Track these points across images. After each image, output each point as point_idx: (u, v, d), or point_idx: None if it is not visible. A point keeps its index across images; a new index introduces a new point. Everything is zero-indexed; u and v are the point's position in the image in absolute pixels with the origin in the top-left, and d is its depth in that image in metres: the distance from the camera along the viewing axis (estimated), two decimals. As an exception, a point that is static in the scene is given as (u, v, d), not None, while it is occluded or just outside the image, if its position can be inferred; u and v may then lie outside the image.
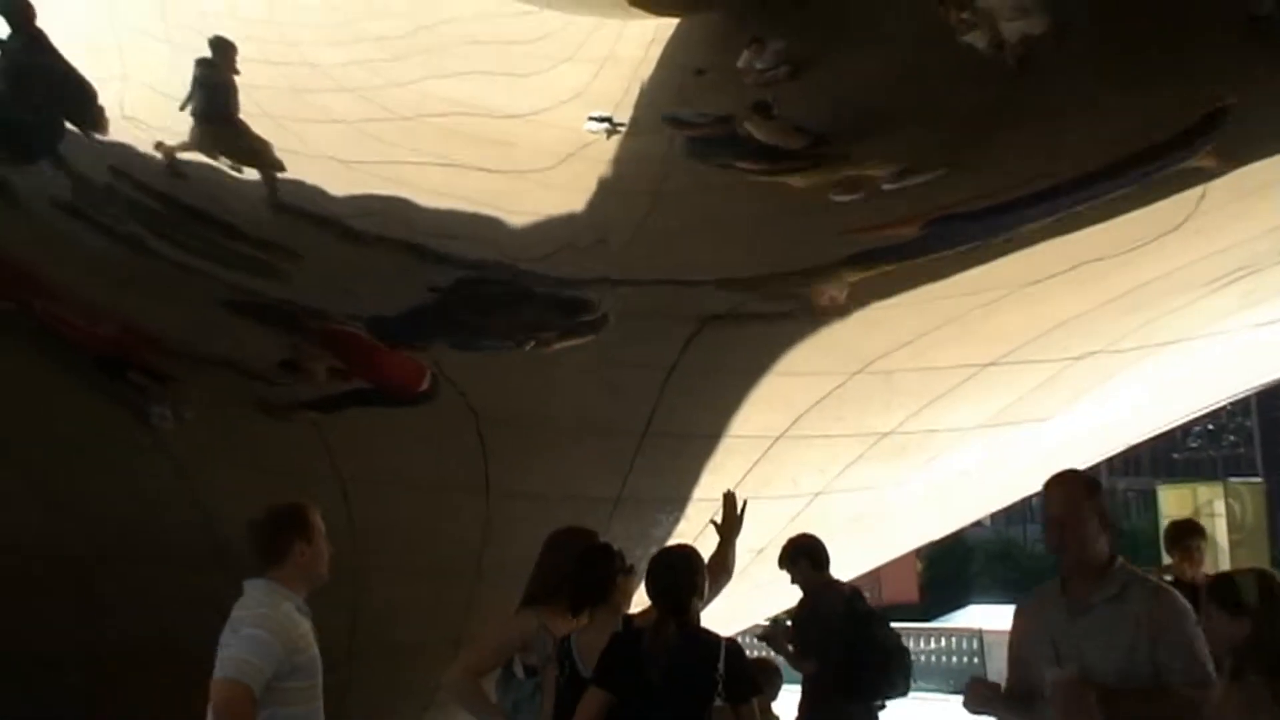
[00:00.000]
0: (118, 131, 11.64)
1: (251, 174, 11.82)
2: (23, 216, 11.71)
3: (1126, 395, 14.84)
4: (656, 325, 12.66)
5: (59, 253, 11.94)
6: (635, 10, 13.97)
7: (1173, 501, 40.40)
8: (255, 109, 12.52)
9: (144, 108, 11.74)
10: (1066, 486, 6.19)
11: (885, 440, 13.99)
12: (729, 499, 9.69)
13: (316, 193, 11.94)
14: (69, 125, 11.43)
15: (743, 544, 9.47)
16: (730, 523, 9.45)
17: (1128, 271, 12.14)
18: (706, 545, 8.83)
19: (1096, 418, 15.24)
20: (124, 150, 11.67)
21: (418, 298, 12.25)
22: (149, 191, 11.83)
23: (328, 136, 12.46)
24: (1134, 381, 14.39)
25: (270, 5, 13.18)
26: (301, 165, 11.95)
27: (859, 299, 12.26)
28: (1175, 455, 65.39)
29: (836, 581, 12.31)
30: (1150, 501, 49.93)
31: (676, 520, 13.62)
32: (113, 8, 12.09)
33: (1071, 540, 6.14)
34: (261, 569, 6.81)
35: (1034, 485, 18.27)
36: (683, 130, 12.27)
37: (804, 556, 12.03)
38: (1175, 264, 12.16)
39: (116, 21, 12.07)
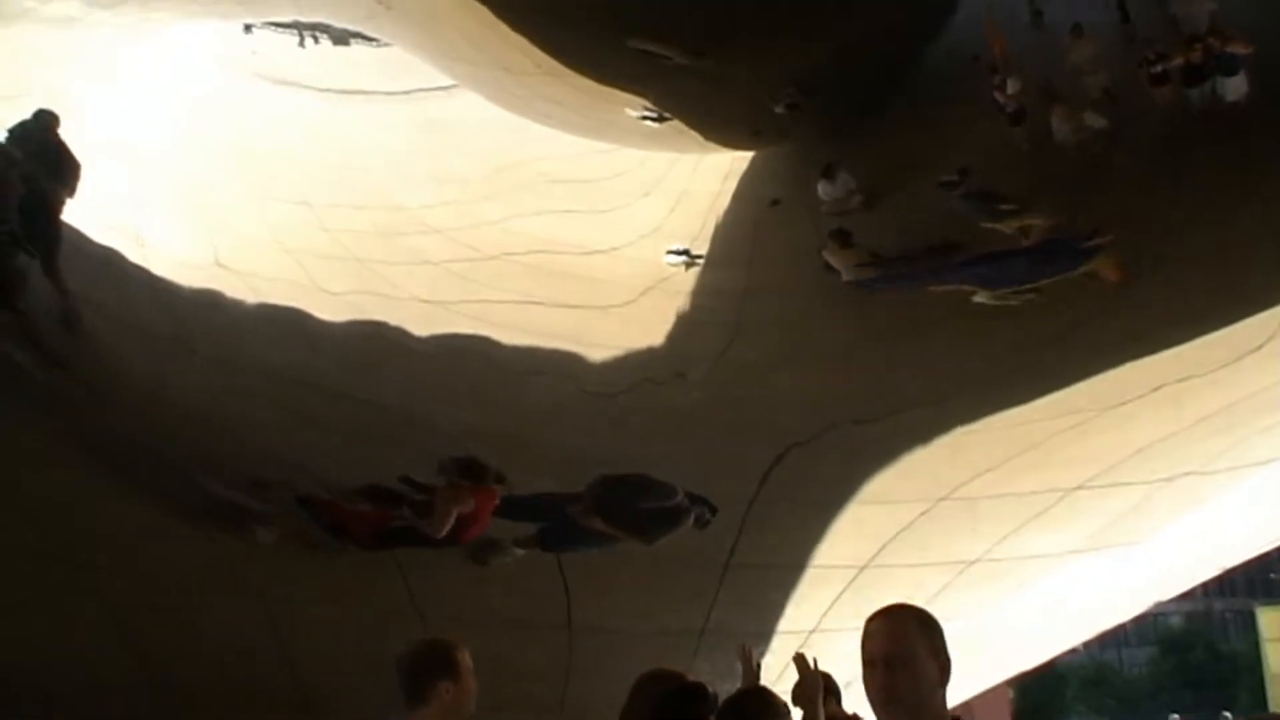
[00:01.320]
0: (211, 279, 12.06)
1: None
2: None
3: (1221, 517, 14.46)
4: (735, 455, 12.62)
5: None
6: (711, 145, 14.35)
7: (1272, 623, 38.94)
8: (342, 252, 12.94)
9: (236, 257, 12.18)
10: (896, 621, 4.46)
11: (973, 568, 13.71)
12: (799, 661, 9.43)
13: (399, 333, 12.22)
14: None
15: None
16: (805, 687, 9.16)
17: (1214, 392, 11.94)
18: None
19: (1192, 540, 14.84)
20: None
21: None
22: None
23: (415, 278, 12.79)
24: (1228, 503, 14.03)
25: (354, 151, 13.70)
26: (389, 308, 12.26)
27: (944, 426, 12.15)
28: (1273, 575, 63.30)
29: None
30: (1249, 623, 48.02)
31: (763, 654, 13.39)
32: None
33: (905, 685, 4.34)
34: (406, 708, 6.67)
35: (1131, 610, 17.77)
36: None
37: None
38: (1262, 384, 11.94)
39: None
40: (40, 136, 10.83)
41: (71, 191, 11.06)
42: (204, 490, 10.95)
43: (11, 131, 10.88)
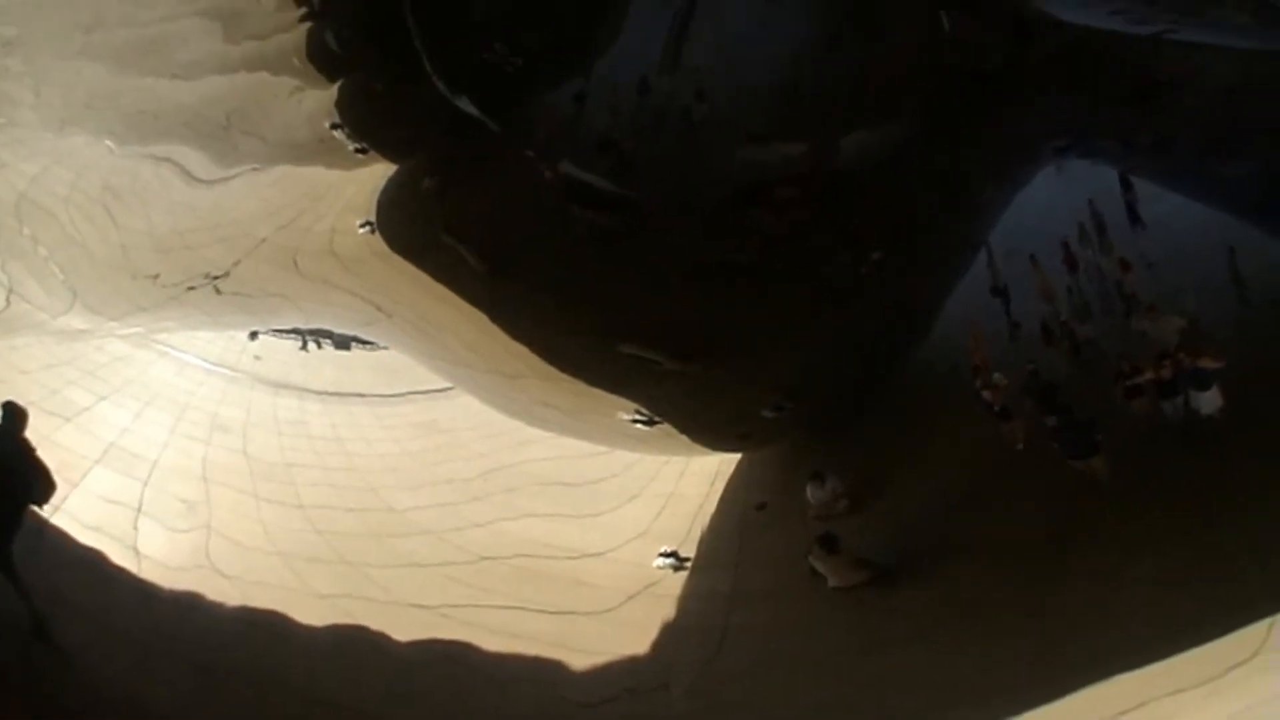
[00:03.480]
0: (198, 581, 12.11)
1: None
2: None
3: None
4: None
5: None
6: (698, 448, 14.58)
7: None
8: (332, 555, 13.02)
9: (226, 560, 12.27)
10: None
11: None
12: None
13: (382, 638, 12.14)
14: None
15: None
16: None
17: (1207, 706, 11.65)
18: None
19: None
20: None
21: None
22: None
23: (404, 581, 12.81)
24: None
25: (350, 454, 13.98)
26: (375, 612, 12.23)
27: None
28: None
29: None
30: None
31: None
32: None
33: None
34: None
35: None
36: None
37: None
38: (1256, 697, 11.67)
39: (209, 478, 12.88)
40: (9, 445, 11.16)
41: (41, 499, 11.29)
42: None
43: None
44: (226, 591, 12.33)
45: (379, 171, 13.52)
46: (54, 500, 11.76)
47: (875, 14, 11.77)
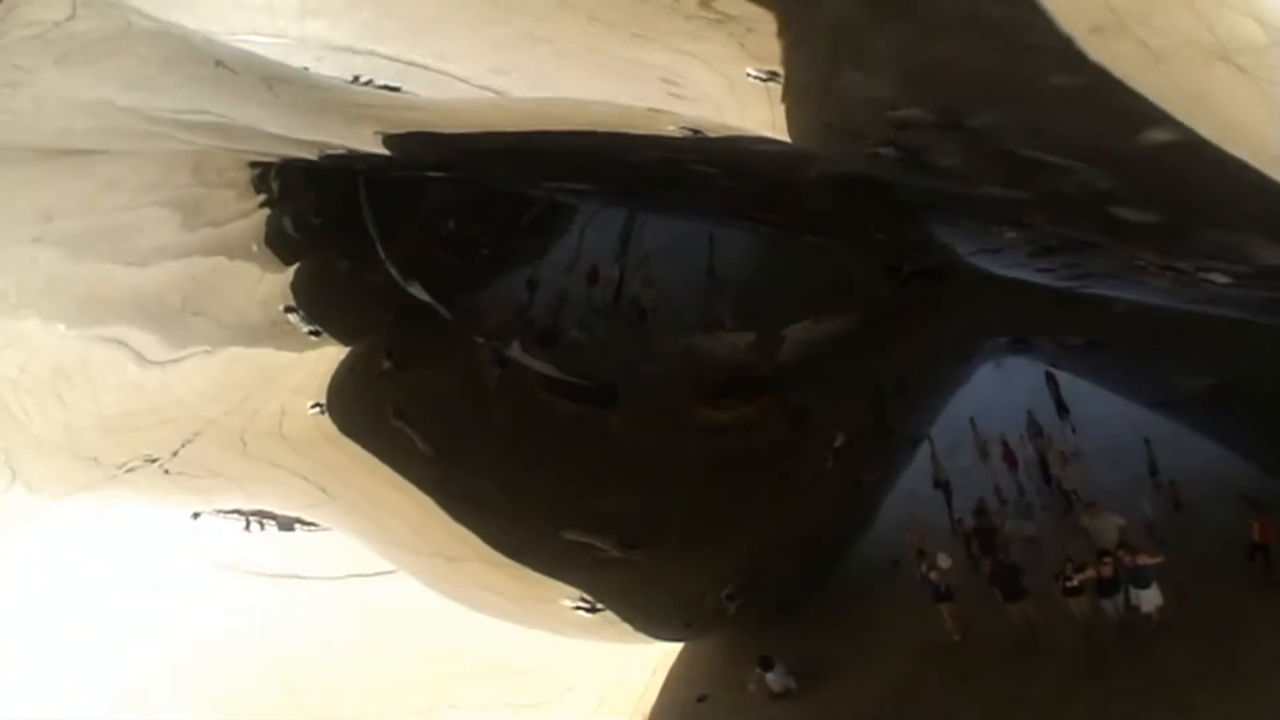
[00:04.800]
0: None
1: None
2: None
3: None
4: None
5: None
6: (641, 636, 14.46)
7: None
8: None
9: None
10: None
11: None
12: None
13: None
14: None
15: None
16: None
17: None
18: None
19: None
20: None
21: None
22: None
23: None
24: None
25: (290, 636, 13.81)
26: None
27: None
28: None
29: None
30: None
31: None
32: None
33: None
34: None
35: None
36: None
37: None
38: None
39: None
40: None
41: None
42: None
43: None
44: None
45: (331, 354, 13.67)
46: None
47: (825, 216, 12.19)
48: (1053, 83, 5.71)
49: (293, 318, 13.52)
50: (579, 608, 14.14)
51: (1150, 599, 12.45)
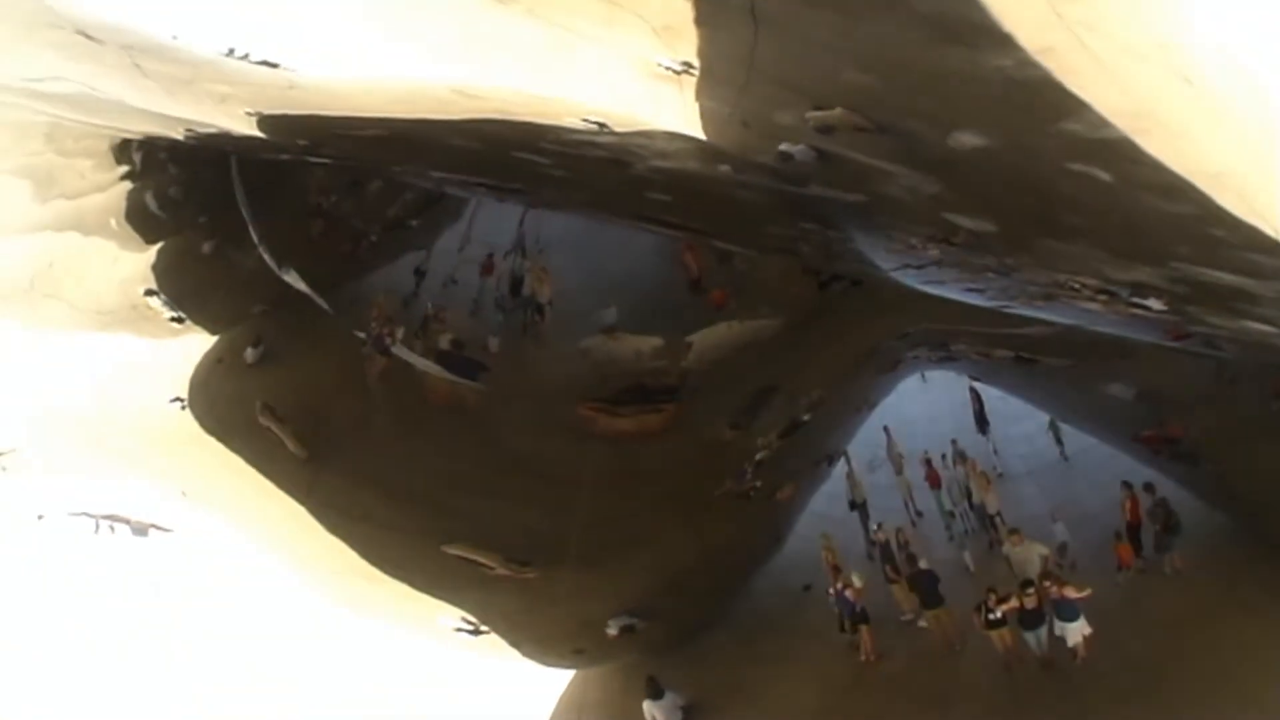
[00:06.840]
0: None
1: None
2: None
3: None
4: None
5: None
6: (529, 660, 13.39)
7: None
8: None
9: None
10: None
11: None
12: None
13: None
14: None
15: None
16: None
17: None
18: None
19: None
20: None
21: None
22: None
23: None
24: None
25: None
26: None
27: None
28: None
29: None
30: None
31: None
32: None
33: None
34: None
35: None
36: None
37: None
38: None
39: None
40: None
41: None
42: None
43: None
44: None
45: (195, 343, 12.48)
46: None
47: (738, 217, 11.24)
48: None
49: (154, 302, 12.34)
50: (461, 629, 13.04)
51: (1075, 633, 11.69)
